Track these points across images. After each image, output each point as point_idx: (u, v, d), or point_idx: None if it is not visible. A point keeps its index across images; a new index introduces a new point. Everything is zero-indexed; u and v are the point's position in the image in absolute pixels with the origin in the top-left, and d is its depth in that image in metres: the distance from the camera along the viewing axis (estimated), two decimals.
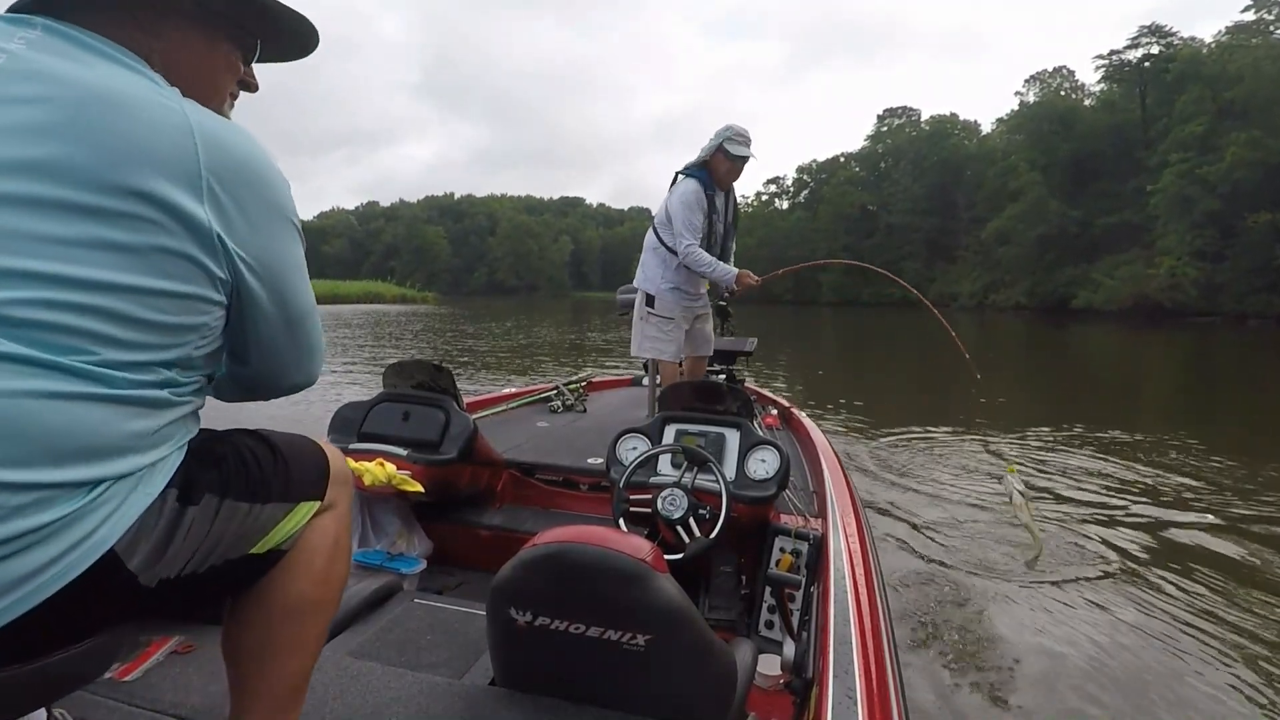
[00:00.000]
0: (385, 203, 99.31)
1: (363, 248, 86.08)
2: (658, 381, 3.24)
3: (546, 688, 0.99)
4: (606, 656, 0.90)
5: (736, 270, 2.88)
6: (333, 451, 0.87)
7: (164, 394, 0.66)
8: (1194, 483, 4.42)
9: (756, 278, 2.91)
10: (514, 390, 3.62)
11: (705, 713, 0.97)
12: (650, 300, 2.98)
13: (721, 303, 4.07)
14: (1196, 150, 29.30)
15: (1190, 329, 22.55)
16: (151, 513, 0.64)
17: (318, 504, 0.81)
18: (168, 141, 0.63)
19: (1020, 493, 3.23)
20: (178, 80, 0.70)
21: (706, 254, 2.84)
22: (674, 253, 2.89)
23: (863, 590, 1.34)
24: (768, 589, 1.66)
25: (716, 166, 2.82)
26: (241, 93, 0.84)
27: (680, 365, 3.27)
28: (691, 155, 2.95)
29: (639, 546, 0.91)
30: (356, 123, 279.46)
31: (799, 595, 1.58)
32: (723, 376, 3.75)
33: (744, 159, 2.80)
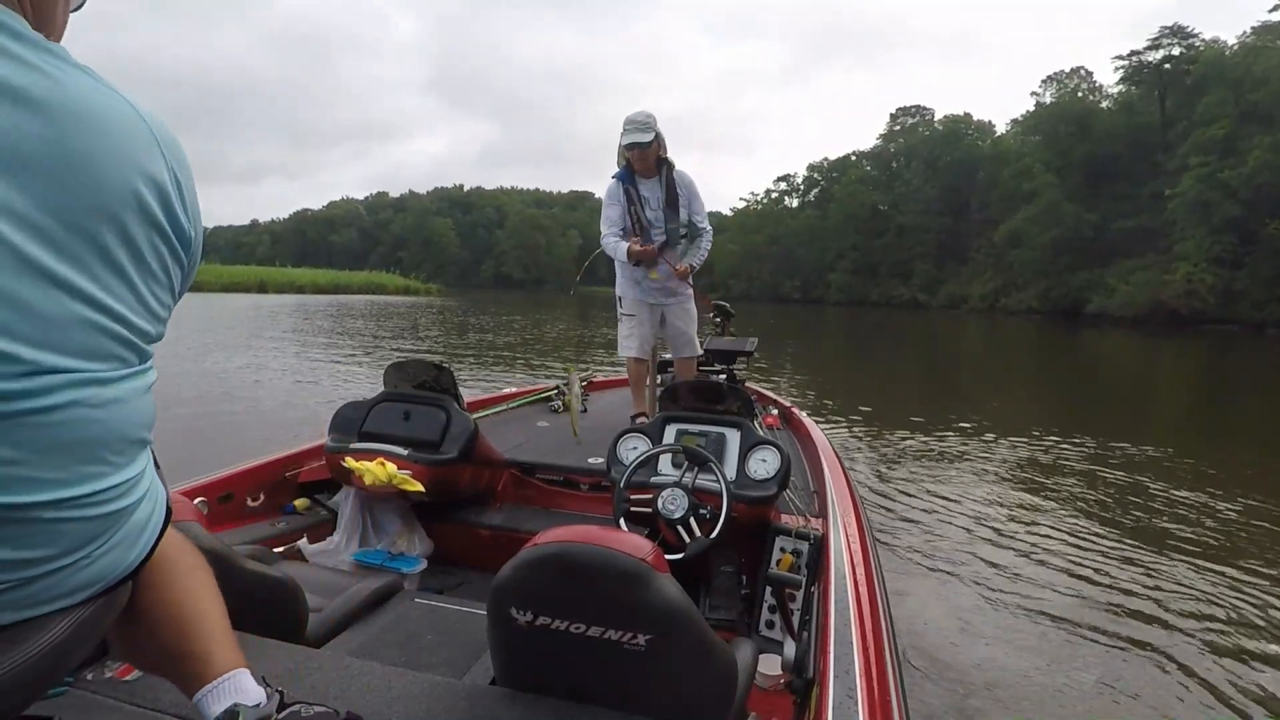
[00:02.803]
0: (395, 194, 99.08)
1: (371, 238, 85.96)
2: (657, 381, 3.20)
3: (547, 687, 0.98)
4: (607, 656, 0.89)
5: (626, 244, 2.92)
6: None
7: None
8: (1204, 504, 4.17)
9: (641, 245, 2.91)
10: (514, 390, 3.68)
11: (706, 712, 0.97)
12: (620, 301, 3.07)
13: (722, 302, 4.01)
14: (1218, 154, 28.68)
15: (1207, 337, 22.13)
16: None
17: None
18: (144, 156, 0.62)
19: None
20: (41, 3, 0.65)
21: (612, 239, 2.95)
22: None
23: (863, 590, 1.34)
24: (768, 589, 1.65)
25: (632, 160, 2.88)
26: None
27: (662, 365, 3.26)
28: (699, 154, 3.02)
29: (639, 546, 0.90)
30: (369, 116, 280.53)
31: (799, 595, 1.57)
32: (723, 376, 3.68)
33: (637, 145, 2.79)
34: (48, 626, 0.62)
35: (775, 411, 3.21)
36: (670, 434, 1.95)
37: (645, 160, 2.84)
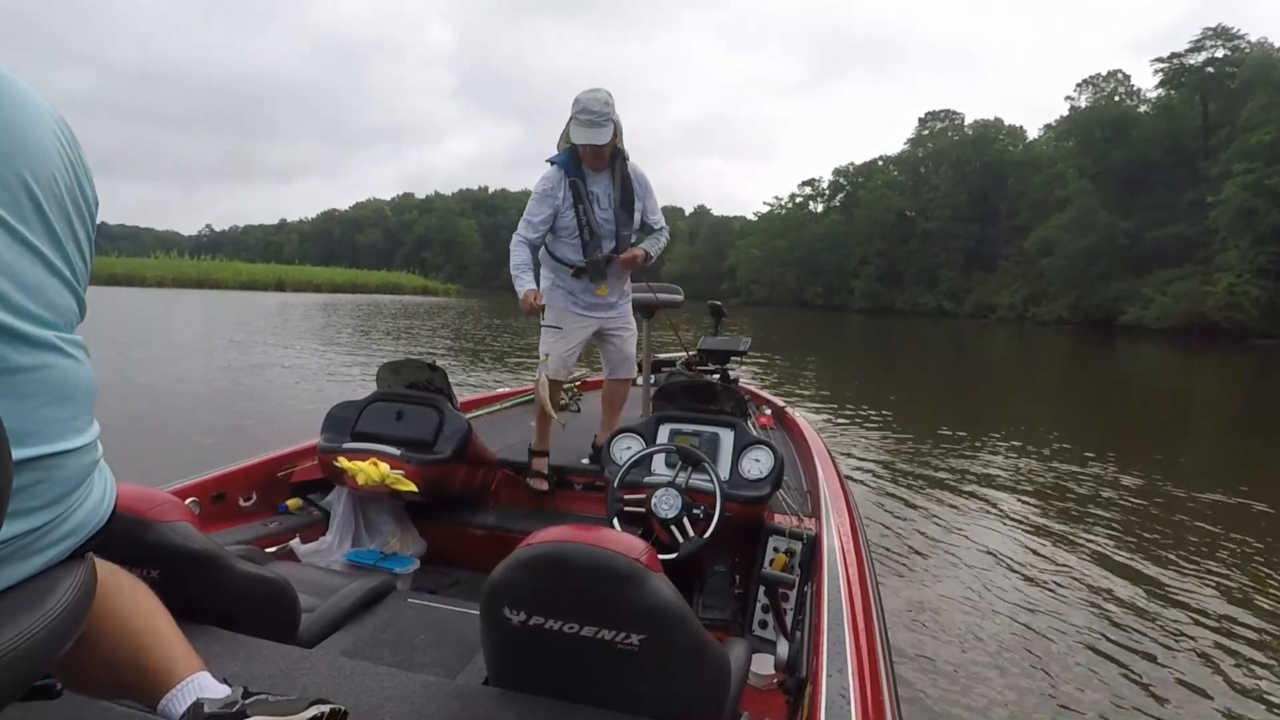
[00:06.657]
0: (421, 195, 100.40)
1: (396, 238, 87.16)
2: (652, 381, 3.08)
3: (540, 687, 0.97)
4: (600, 656, 0.90)
5: (525, 289, 2.37)
6: None
7: None
8: (1243, 535, 3.89)
9: (535, 301, 2.35)
10: (508, 390, 3.65)
11: (699, 712, 0.96)
12: (543, 309, 2.44)
13: (715, 302, 3.94)
14: (1264, 160, 27.61)
15: (1250, 352, 21.28)
16: None
17: None
18: (54, 124, 0.64)
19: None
20: None
21: (522, 254, 2.39)
22: (550, 253, 2.48)
23: (856, 589, 1.35)
24: (762, 588, 1.67)
25: (581, 151, 2.32)
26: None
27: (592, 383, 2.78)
28: (721, 158, 2.50)
29: (633, 546, 0.90)
30: (400, 120, 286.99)
31: (793, 595, 1.58)
32: (716, 376, 3.61)
33: (591, 146, 2.24)
34: (66, 581, 0.65)
35: (769, 411, 3.18)
36: (664, 434, 1.97)
37: (598, 155, 2.32)
